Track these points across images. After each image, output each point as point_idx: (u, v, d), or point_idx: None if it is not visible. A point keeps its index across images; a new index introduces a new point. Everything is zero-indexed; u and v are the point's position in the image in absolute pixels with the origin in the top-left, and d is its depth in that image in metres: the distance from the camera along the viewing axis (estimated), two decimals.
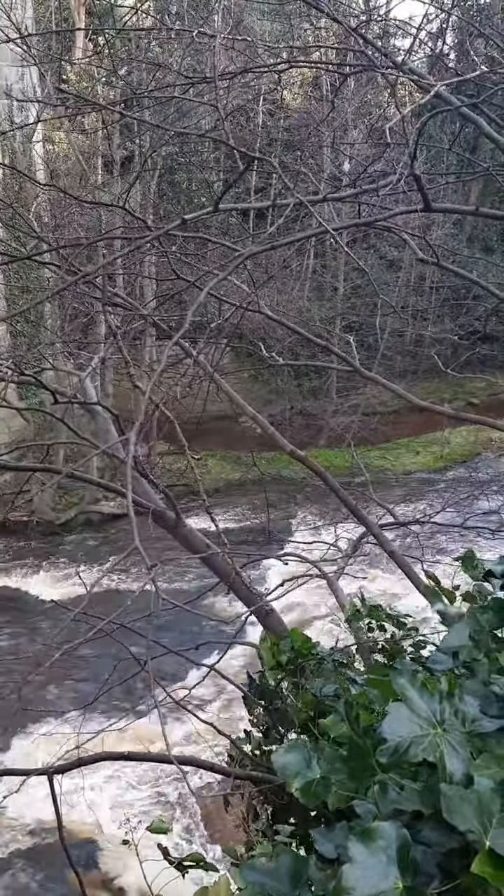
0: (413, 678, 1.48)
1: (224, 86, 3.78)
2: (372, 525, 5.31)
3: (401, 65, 3.10)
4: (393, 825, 1.20)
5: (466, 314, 22.93)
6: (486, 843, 1.11)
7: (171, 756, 2.01)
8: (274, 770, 2.04)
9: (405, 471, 22.27)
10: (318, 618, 12.39)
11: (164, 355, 2.02)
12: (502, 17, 18.77)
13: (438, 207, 3.25)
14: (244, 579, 4.58)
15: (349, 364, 5.37)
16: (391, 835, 1.17)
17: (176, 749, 8.78)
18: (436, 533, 11.30)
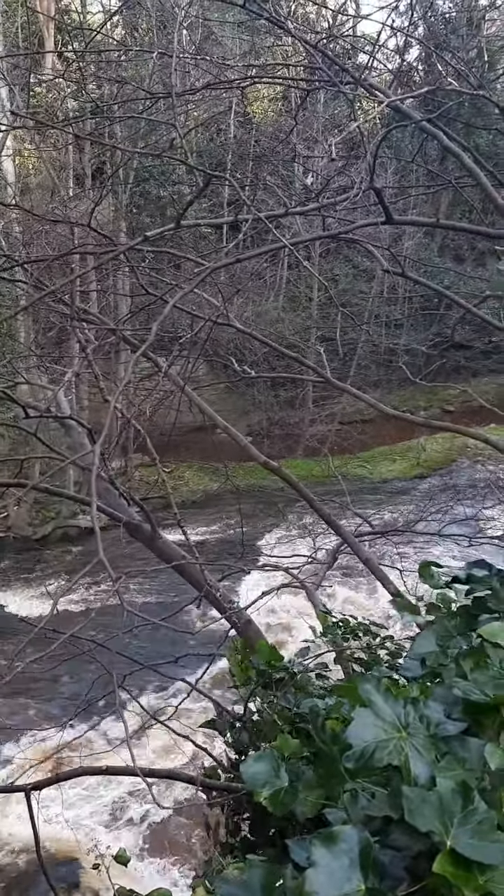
0: (377, 684, 1.50)
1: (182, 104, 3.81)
2: (347, 535, 5.35)
3: (361, 80, 3.15)
4: (354, 829, 1.22)
5: (439, 323, 23.20)
6: (447, 842, 1.14)
7: (137, 768, 2.02)
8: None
9: (383, 479, 22.40)
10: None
11: (130, 369, 2.04)
12: (468, 31, 19.12)
13: (400, 220, 3.30)
14: (219, 591, 4.58)
15: (320, 375, 5.42)
16: (353, 838, 1.19)
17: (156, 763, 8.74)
18: (413, 540, 11.37)
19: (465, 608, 2.34)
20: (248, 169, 18.69)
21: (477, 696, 1.49)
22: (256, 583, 12.88)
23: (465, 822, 1.16)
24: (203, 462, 21.25)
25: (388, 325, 26.15)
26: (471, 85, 4.94)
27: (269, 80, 4.55)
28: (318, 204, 3.12)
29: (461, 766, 1.37)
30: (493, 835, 1.14)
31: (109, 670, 3.71)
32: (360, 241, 3.71)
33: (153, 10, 13.58)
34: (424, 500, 13.84)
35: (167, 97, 3.07)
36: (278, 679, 3.09)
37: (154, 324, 2.16)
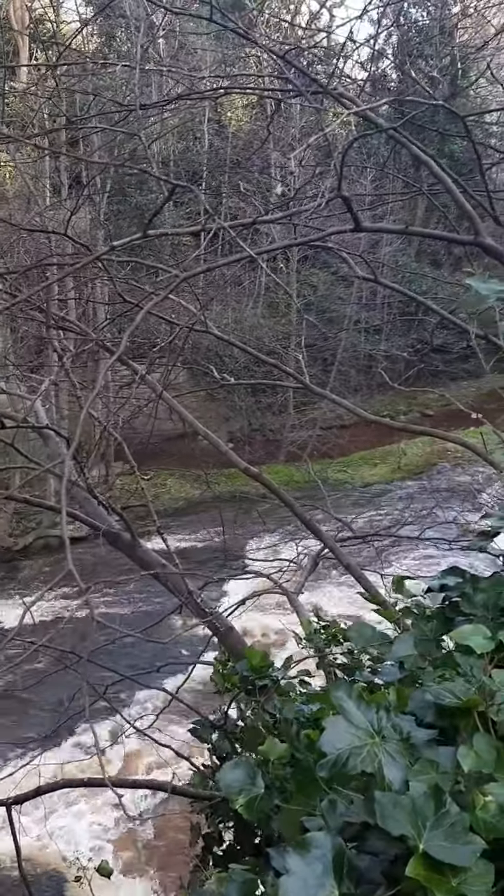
0: (349, 690, 1.51)
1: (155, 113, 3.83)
2: (328, 539, 5.37)
3: (328, 88, 3.18)
4: (328, 835, 1.22)
5: (417, 328, 23.37)
6: (420, 846, 1.14)
7: (106, 779, 2.01)
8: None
9: (364, 483, 22.48)
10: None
11: (101, 377, 2.04)
12: (440, 39, 19.33)
13: (369, 227, 3.33)
14: (199, 599, 4.57)
15: (299, 381, 5.44)
16: (326, 844, 1.20)
17: (142, 773, 8.69)
18: (396, 544, 11.42)
19: (442, 611, 2.36)
20: (223, 177, 18.76)
21: (449, 700, 1.50)
22: (241, 589, 12.85)
23: (438, 825, 1.17)
24: (185, 469, 21.22)
25: (368, 331, 26.31)
26: (442, 93, 4.99)
27: (239, 90, 4.59)
28: (286, 212, 3.14)
29: (434, 770, 1.38)
30: (465, 837, 1.15)
31: (88, 681, 3.69)
32: (333, 248, 3.73)
33: (130, 19, 13.61)
34: (405, 504, 13.91)
35: (133, 110, 3.08)
36: (262, 686, 3.09)
37: (127, 331, 2.16)
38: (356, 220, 2.80)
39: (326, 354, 23.94)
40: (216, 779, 2.58)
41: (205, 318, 4.67)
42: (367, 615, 3.70)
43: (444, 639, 2.16)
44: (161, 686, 6.96)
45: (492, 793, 1.29)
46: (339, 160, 2.49)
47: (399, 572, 9.24)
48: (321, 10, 20.34)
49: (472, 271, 2.38)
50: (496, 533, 2.67)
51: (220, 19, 3.39)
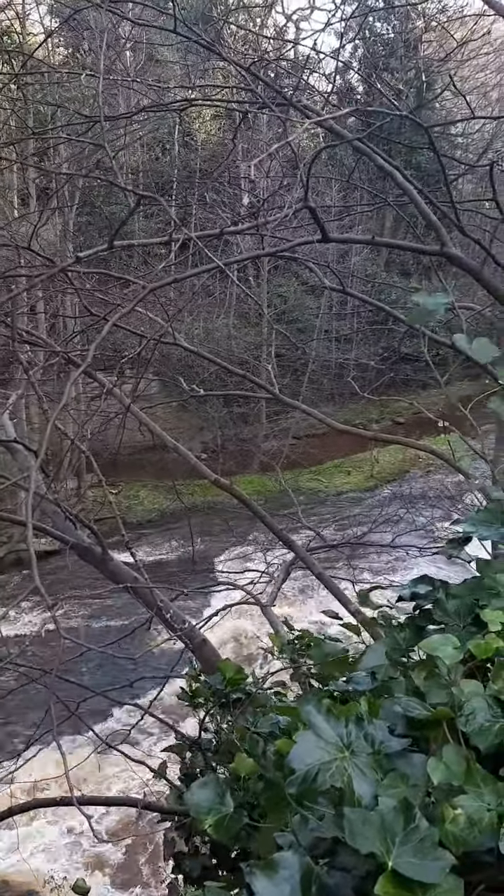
0: (318, 704, 1.49)
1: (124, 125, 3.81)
2: (299, 549, 5.36)
3: (291, 100, 3.19)
4: (295, 854, 1.20)
5: (387, 336, 23.55)
6: (388, 863, 1.13)
7: (73, 797, 1.97)
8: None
9: (337, 491, 22.57)
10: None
11: (67, 390, 2.01)
12: (405, 52, 19.61)
13: (335, 238, 3.35)
14: (170, 612, 4.53)
15: (269, 391, 5.44)
16: (293, 864, 1.18)
17: (118, 790, 8.57)
18: (370, 552, 11.46)
19: (413, 619, 2.35)
20: (193, 188, 18.79)
21: (418, 712, 1.49)
22: (217, 601, 12.81)
23: (407, 841, 1.15)
24: (158, 480, 21.12)
25: (339, 340, 26.46)
26: (408, 105, 5.05)
27: (204, 102, 4.61)
28: (252, 223, 3.15)
29: (404, 783, 1.36)
30: (434, 852, 1.13)
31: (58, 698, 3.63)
32: (300, 259, 3.75)
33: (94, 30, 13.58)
34: (377, 512, 13.98)
35: (97, 121, 3.07)
36: (236, 699, 3.06)
37: (93, 343, 2.13)
38: (323, 230, 2.81)
39: (298, 364, 24.03)
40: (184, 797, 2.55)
41: (173, 330, 4.64)
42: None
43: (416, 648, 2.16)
44: (135, 701, 6.89)
45: (461, 805, 1.28)
46: (304, 171, 2.49)
47: (375, 580, 9.29)
48: (287, 24, 20.52)
49: (417, 287, 2.39)
50: (466, 539, 2.68)
51: (185, 31, 3.39)
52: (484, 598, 2.07)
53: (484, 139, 21.42)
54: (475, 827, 1.24)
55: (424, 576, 2.50)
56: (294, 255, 3.58)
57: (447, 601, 2.25)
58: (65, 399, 2.03)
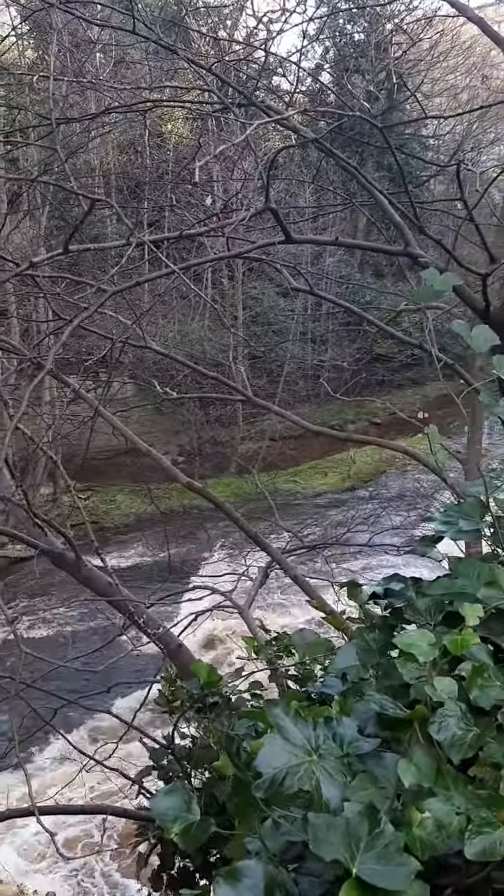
0: (287, 708, 1.47)
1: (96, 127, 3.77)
2: (274, 552, 5.35)
3: (253, 100, 3.18)
4: (259, 862, 1.18)
5: (361, 337, 23.66)
6: (353, 870, 1.10)
7: (34, 807, 1.93)
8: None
9: (315, 493, 22.60)
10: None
11: (27, 394, 1.97)
12: (375, 54, 19.70)
13: (299, 239, 3.34)
14: (144, 617, 4.49)
15: (242, 394, 5.42)
16: (257, 872, 1.15)
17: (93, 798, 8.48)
18: (348, 553, 11.46)
19: (385, 620, 2.34)
20: (164, 190, 18.73)
21: (393, 711, 1.47)
22: (195, 605, 12.74)
23: (371, 847, 1.13)
24: (134, 485, 21.01)
25: (314, 341, 26.53)
26: (379, 107, 5.06)
27: (167, 103, 4.59)
28: (213, 225, 3.13)
29: (372, 786, 1.34)
30: (399, 858, 1.11)
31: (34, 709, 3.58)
32: (267, 261, 3.73)
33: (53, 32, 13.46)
34: (354, 512, 14.02)
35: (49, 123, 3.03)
36: (212, 702, 3.03)
37: (54, 347, 2.10)
38: (286, 231, 2.80)
39: (273, 366, 24.05)
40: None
41: (143, 333, 4.61)
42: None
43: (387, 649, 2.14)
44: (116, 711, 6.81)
45: (430, 808, 1.26)
46: (265, 172, 2.47)
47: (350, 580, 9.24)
48: (258, 26, 20.51)
49: (402, 292, 2.37)
50: (438, 538, 2.67)
51: (146, 32, 3.36)
52: (456, 597, 2.06)
53: (455, 140, 21.58)
54: (443, 831, 1.22)
55: (396, 574, 2.49)
56: (262, 256, 3.56)
57: (418, 600, 2.24)
58: (24, 402, 1.99)
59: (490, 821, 1.18)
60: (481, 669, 1.48)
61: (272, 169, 12.58)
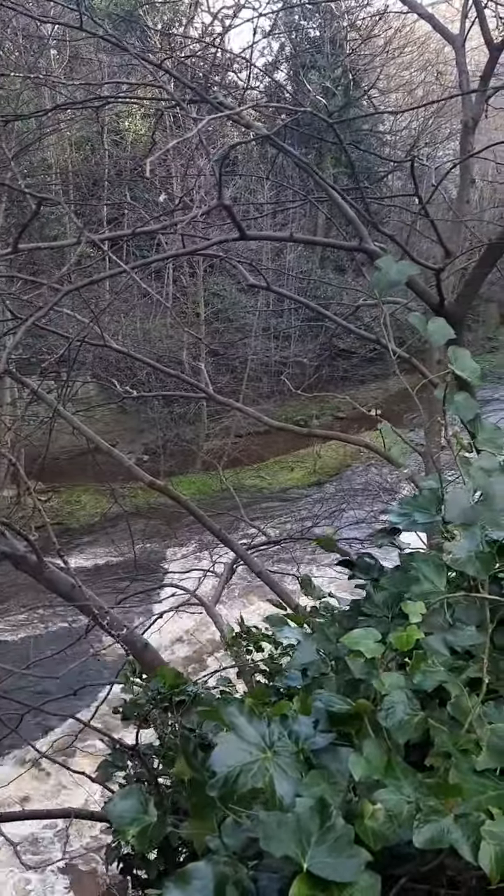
0: (240, 706, 1.47)
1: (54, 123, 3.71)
2: (238, 549, 5.35)
3: (211, 97, 3.17)
4: (208, 864, 1.18)
5: (324, 333, 23.76)
6: (304, 865, 1.11)
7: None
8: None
9: (281, 488, 22.65)
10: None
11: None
12: (331, 51, 19.76)
13: (254, 235, 3.34)
14: (108, 617, 4.45)
15: (203, 391, 5.40)
16: (206, 874, 1.15)
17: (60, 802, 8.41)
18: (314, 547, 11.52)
19: (344, 614, 2.35)
20: (123, 187, 18.59)
21: (339, 707, 1.48)
22: (163, 603, 12.71)
23: (322, 841, 1.14)
24: (99, 484, 20.83)
25: (278, 338, 26.57)
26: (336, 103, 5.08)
27: (119, 99, 4.55)
28: (167, 222, 3.11)
29: (325, 781, 1.35)
30: (349, 850, 1.12)
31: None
32: (223, 257, 3.72)
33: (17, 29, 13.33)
34: (320, 507, 14.10)
35: None
36: (180, 701, 3.02)
37: (9, 345, 2.07)
38: (240, 228, 2.80)
39: (237, 363, 24.03)
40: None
41: (102, 331, 4.57)
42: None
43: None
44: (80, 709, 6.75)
45: (381, 799, 1.27)
46: (217, 169, 2.46)
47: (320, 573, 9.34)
48: (213, 22, 20.43)
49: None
50: (395, 530, 2.69)
51: (96, 29, 3.32)
52: (408, 589, 2.08)
53: (412, 136, 21.79)
54: (394, 821, 1.24)
55: (368, 553, 2.50)
56: (219, 253, 3.56)
57: (376, 592, 2.26)
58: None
59: (438, 809, 1.20)
60: (424, 656, 1.50)
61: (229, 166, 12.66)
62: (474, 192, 22.00)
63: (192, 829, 1.59)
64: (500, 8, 5.79)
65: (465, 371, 2.24)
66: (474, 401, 2.19)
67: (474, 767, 1.26)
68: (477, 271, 4.58)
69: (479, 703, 1.44)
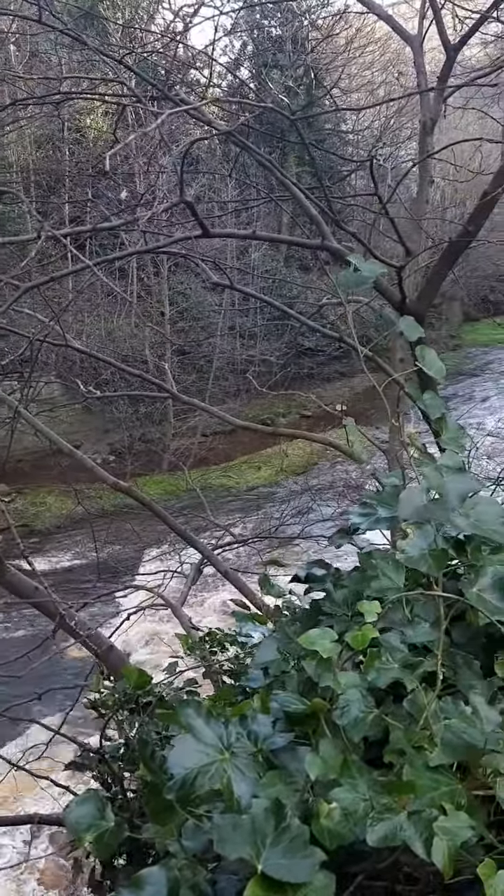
0: (198, 707, 1.46)
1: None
2: (203, 549, 5.34)
3: (171, 94, 3.15)
4: (161, 869, 1.17)
5: (290, 332, 23.83)
6: (258, 866, 1.11)
7: None
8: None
9: (248, 487, 22.65)
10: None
11: None
12: (293, 50, 19.81)
13: (216, 233, 3.33)
14: (73, 620, 4.41)
15: (166, 390, 5.38)
16: (160, 879, 1.14)
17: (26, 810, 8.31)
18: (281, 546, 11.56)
19: (305, 613, 2.35)
20: (86, 184, 18.42)
21: (295, 707, 1.48)
22: (129, 604, 12.62)
23: (278, 842, 1.14)
24: (65, 486, 20.63)
25: (244, 336, 26.57)
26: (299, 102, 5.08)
27: (79, 95, 4.51)
28: (128, 219, 3.09)
29: (282, 781, 1.35)
30: (304, 851, 1.12)
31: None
32: (183, 255, 3.71)
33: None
34: (287, 505, 14.14)
35: None
36: (146, 703, 3.00)
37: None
38: (202, 226, 2.79)
39: (203, 362, 23.98)
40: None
41: (63, 330, 4.51)
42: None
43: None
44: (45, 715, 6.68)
45: (337, 798, 1.28)
46: (179, 166, 2.45)
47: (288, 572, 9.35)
48: (175, 19, 20.33)
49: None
50: (355, 529, 2.70)
51: (54, 23, 3.28)
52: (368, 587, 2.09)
53: (374, 135, 21.94)
54: (350, 819, 1.24)
55: (319, 559, 2.51)
56: (180, 251, 3.54)
57: (335, 591, 2.27)
58: None
59: (391, 807, 1.21)
60: (378, 654, 1.51)
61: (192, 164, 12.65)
62: (436, 192, 22.25)
63: (152, 833, 1.58)
64: (457, 9, 5.85)
65: (431, 369, 2.25)
66: (441, 399, 2.21)
67: (427, 764, 1.27)
68: (437, 269, 4.63)
69: (434, 699, 1.46)
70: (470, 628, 1.80)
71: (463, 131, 17.98)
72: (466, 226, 4.15)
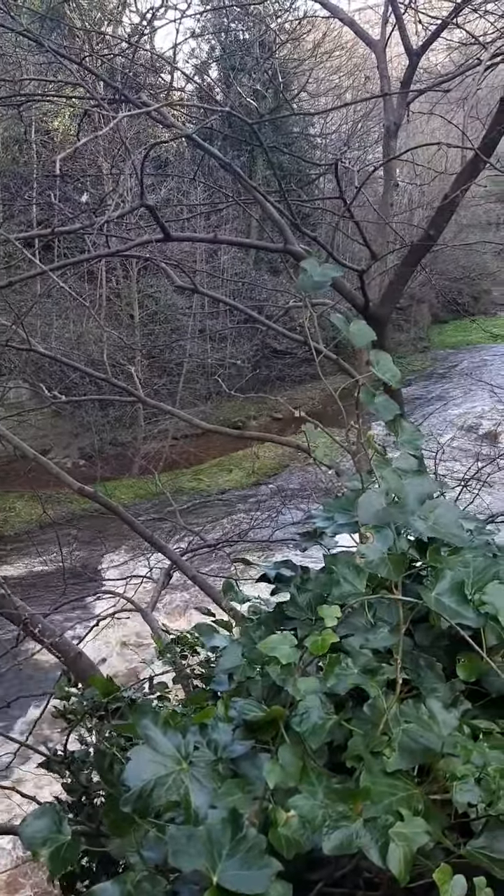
0: (155, 716, 1.44)
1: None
2: (171, 554, 5.31)
3: (133, 97, 3.13)
4: (115, 884, 1.15)
5: (260, 334, 23.84)
6: (213, 879, 1.09)
7: None
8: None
9: (219, 490, 22.59)
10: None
11: None
12: (261, 53, 19.81)
13: (178, 236, 3.32)
14: (39, 626, 4.36)
15: (133, 394, 5.34)
16: (113, 894, 1.12)
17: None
18: (251, 549, 11.55)
19: (269, 617, 2.34)
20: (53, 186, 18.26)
21: (254, 714, 1.47)
22: (99, 610, 12.51)
23: (234, 853, 1.12)
24: (33, 491, 20.41)
25: (214, 339, 26.53)
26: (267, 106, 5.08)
27: (40, 97, 4.46)
28: (88, 222, 3.06)
29: (240, 790, 1.34)
30: (261, 861, 1.11)
31: None
32: (145, 257, 3.68)
33: None
34: (258, 508, 14.13)
35: None
36: (116, 708, 2.96)
37: None
38: (164, 229, 2.77)
39: (173, 365, 23.89)
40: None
41: (27, 334, 4.46)
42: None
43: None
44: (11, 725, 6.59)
45: (295, 806, 1.27)
46: (139, 168, 2.43)
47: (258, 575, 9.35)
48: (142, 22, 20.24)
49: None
50: (320, 533, 2.69)
51: (12, 24, 3.24)
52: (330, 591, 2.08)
53: (342, 139, 22.06)
54: (308, 827, 1.23)
55: (288, 560, 2.50)
56: (142, 254, 3.51)
57: (299, 595, 2.26)
58: None
59: (346, 814, 1.20)
60: (337, 659, 1.50)
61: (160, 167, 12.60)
62: (403, 195, 22.43)
63: (111, 846, 1.56)
64: (420, 15, 5.90)
65: (385, 374, 2.26)
66: (394, 402, 2.21)
67: (385, 769, 1.27)
68: (399, 273, 4.66)
69: (395, 704, 1.45)
70: (433, 630, 1.80)
71: (429, 136, 18.17)
72: (427, 230, 4.18)
